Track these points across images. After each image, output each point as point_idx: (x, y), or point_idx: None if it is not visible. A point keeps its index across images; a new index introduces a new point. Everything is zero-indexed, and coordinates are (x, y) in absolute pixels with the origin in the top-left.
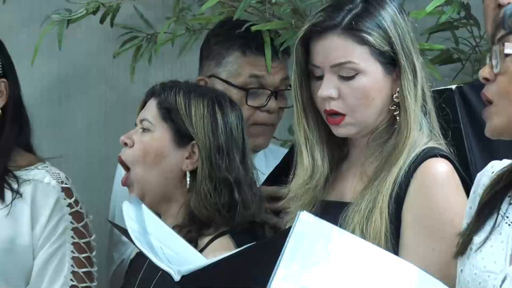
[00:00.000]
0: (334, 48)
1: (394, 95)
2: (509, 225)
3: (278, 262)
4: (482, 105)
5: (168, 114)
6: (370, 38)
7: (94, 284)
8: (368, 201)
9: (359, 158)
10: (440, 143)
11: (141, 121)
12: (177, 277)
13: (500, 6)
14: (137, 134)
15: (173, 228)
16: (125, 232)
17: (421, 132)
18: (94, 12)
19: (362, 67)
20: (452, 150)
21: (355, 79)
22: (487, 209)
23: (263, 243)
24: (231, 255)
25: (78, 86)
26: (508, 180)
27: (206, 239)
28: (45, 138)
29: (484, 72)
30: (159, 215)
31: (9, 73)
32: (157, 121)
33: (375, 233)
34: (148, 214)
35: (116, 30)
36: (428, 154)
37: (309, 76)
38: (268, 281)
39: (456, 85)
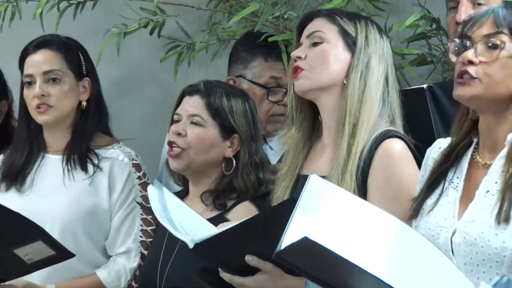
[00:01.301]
0: (314, 24)
1: (345, 71)
2: (454, 188)
3: (291, 215)
4: (449, 102)
5: (217, 113)
6: (341, 21)
7: None
8: (338, 171)
9: (331, 137)
10: (397, 127)
11: (192, 115)
12: (191, 245)
13: (457, 23)
14: (189, 126)
15: (204, 192)
16: (149, 209)
17: (380, 118)
18: (145, 26)
19: (327, 37)
20: (420, 138)
21: (320, 46)
22: (437, 177)
23: (263, 214)
24: (236, 225)
25: (132, 85)
26: (455, 155)
27: (230, 203)
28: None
29: (470, 56)
30: (186, 183)
31: (91, 74)
32: (208, 118)
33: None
34: (168, 195)
35: (162, 40)
36: (386, 135)
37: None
38: (272, 246)
39: (427, 85)
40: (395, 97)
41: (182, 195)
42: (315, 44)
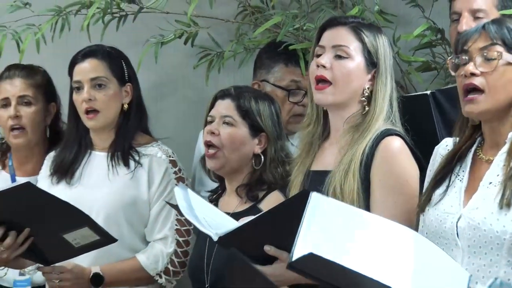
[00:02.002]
0: (339, 35)
1: (366, 88)
2: (460, 180)
3: (297, 232)
4: (450, 106)
5: (246, 114)
6: (366, 39)
7: (191, 227)
8: (344, 167)
9: (337, 138)
10: (397, 127)
11: (224, 116)
12: (215, 238)
13: (459, 33)
14: (221, 126)
15: (238, 187)
16: (177, 207)
17: (384, 121)
18: (180, 36)
19: (353, 54)
20: (424, 140)
21: (345, 60)
22: (445, 171)
23: (278, 207)
24: (254, 219)
25: (169, 89)
26: (461, 153)
27: (261, 194)
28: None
29: (471, 69)
30: (222, 181)
31: (133, 79)
32: (238, 118)
33: (350, 190)
34: (192, 195)
35: (195, 49)
36: (387, 133)
37: (313, 59)
38: (288, 236)
39: (430, 91)
40: (396, 104)
41: (220, 191)
42: (340, 57)
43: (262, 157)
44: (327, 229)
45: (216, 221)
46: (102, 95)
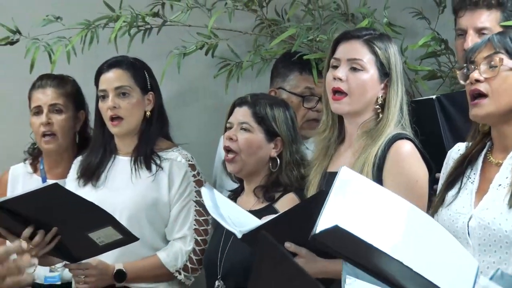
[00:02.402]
0: (354, 48)
1: (379, 97)
2: (472, 183)
3: (326, 201)
4: (455, 110)
5: (262, 120)
6: (379, 51)
7: (209, 227)
8: (358, 168)
9: (352, 142)
10: (407, 131)
11: (242, 123)
12: (239, 235)
13: (465, 50)
14: (239, 132)
15: (256, 188)
16: (203, 207)
17: (395, 126)
18: (201, 48)
19: (367, 67)
20: (430, 141)
21: (360, 73)
22: (457, 174)
23: (297, 207)
24: (275, 217)
25: (191, 97)
26: (471, 156)
27: (277, 195)
28: (170, 132)
29: (476, 76)
30: (242, 181)
31: (155, 88)
32: (254, 124)
33: None
34: (218, 195)
35: (215, 60)
36: (398, 137)
37: (328, 69)
38: (307, 234)
39: (435, 96)
40: (406, 108)
41: (239, 190)
42: (355, 69)
43: (278, 160)
44: (354, 204)
45: (239, 219)
46: (125, 103)
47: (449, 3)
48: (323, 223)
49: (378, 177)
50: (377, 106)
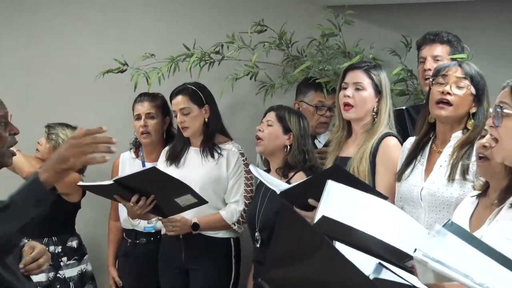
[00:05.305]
0: (357, 75)
1: (375, 107)
2: (421, 165)
3: (319, 204)
4: (417, 115)
5: (281, 120)
6: (374, 77)
7: (253, 194)
8: (359, 155)
9: (356, 137)
10: (393, 131)
11: (268, 121)
12: (278, 192)
13: (424, 70)
14: (265, 127)
15: (277, 168)
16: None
17: (385, 127)
18: (247, 75)
19: (366, 87)
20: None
21: (362, 91)
22: (410, 158)
23: (317, 175)
24: (303, 181)
25: (240, 108)
26: (420, 146)
27: (291, 173)
28: (226, 131)
29: (448, 90)
30: (269, 165)
31: (209, 101)
32: (276, 122)
33: (363, 169)
34: (260, 170)
35: (257, 82)
36: (386, 134)
37: (341, 89)
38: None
39: (405, 107)
40: (392, 115)
41: (268, 171)
42: (358, 89)
43: (289, 148)
44: (338, 202)
45: (275, 183)
46: (188, 118)
47: (413, 45)
48: (316, 218)
49: (372, 161)
50: (374, 113)
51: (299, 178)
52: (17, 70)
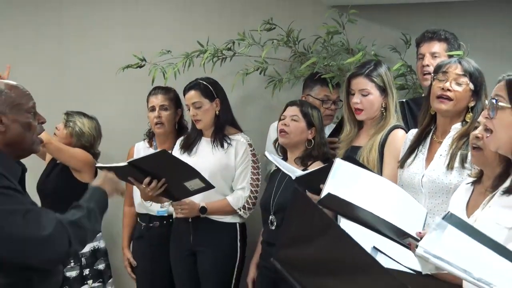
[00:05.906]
0: (360, 82)
1: (382, 104)
2: (422, 154)
3: (326, 180)
4: (417, 108)
5: (305, 115)
6: (375, 79)
7: (259, 182)
8: (369, 145)
9: (367, 129)
10: (400, 123)
11: (293, 115)
12: (293, 177)
13: (423, 66)
14: (290, 122)
15: (296, 158)
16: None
17: (393, 120)
18: (257, 70)
19: (371, 91)
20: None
21: (368, 96)
22: (413, 148)
23: (330, 165)
24: (317, 168)
25: (250, 100)
26: (422, 137)
27: (309, 162)
28: (236, 122)
29: (448, 87)
30: (285, 153)
31: (220, 95)
32: (300, 117)
33: (372, 159)
34: (275, 156)
35: (266, 77)
36: (394, 127)
37: (348, 95)
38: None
39: (405, 99)
40: (398, 107)
41: (282, 159)
42: (364, 95)
43: (313, 141)
44: (343, 180)
45: (291, 169)
46: (200, 111)
47: (413, 42)
48: (323, 194)
49: (381, 152)
50: (382, 109)
51: (316, 166)
52: (47, 63)
